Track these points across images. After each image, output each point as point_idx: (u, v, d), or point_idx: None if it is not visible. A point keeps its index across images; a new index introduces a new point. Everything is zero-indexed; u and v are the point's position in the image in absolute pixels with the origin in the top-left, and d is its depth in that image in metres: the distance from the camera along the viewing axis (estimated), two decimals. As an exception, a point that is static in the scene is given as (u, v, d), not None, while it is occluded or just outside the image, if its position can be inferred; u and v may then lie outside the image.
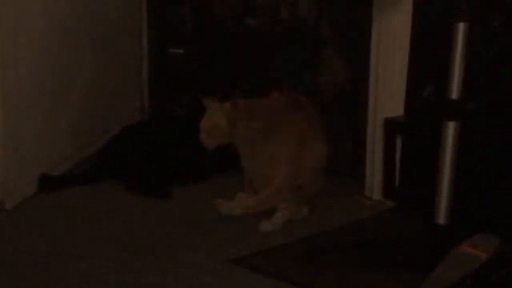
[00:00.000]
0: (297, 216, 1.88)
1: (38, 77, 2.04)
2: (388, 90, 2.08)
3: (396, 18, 2.06)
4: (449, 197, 1.83)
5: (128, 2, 2.54)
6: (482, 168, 1.95)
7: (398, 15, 2.06)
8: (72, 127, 2.24)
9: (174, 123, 2.41)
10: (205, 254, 1.79)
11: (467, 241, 1.73)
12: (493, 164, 1.93)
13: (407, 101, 2.08)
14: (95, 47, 2.32)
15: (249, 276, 1.67)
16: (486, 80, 1.92)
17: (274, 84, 2.32)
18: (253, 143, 1.87)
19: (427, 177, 1.91)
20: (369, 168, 2.16)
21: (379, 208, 2.11)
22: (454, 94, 1.74)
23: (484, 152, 1.94)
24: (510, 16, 1.86)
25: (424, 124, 1.99)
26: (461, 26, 1.72)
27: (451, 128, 1.73)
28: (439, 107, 1.82)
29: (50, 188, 2.05)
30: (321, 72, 2.35)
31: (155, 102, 2.67)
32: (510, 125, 1.94)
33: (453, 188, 1.85)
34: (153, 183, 2.13)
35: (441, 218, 1.85)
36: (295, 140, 1.85)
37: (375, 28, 2.07)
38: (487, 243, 1.75)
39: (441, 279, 1.67)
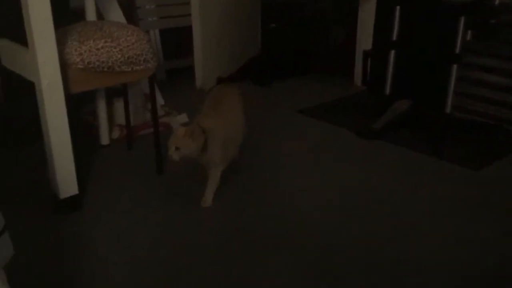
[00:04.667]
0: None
1: (220, 23, 3.50)
2: (365, 34, 3.53)
3: None
4: (392, 79, 3.10)
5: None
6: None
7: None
8: (232, 53, 3.74)
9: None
10: (283, 108, 3.32)
11: (397, 102, 3.04)
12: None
13: (373, 41, 3.43)
14: (240, 21, 3.73)
15: (307, 119, 3.13)
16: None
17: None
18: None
19: (382, 74, 3.09)
20: (356, 71, 3.69)
21: (360, 89, 3.65)
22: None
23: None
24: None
25: (379, 53, 3.21)
26: None
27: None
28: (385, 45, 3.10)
29: (223, 81, 3.60)
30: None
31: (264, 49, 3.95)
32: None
33: (392, 76, 3.08)
34: (262, 77, 3.74)
35: (387, 90, 3.10)
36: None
37: None
38: (406, 103, 3.04)
39: (385, 118, 2.93)
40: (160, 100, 3.19)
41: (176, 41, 3.89)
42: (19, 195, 2.32)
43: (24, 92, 2.28)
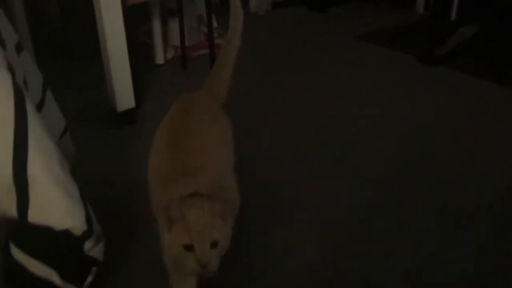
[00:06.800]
0: None
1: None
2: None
3: None
4: (458, 3, 2.94)
5: None
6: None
7: None
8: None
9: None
10: (340, 34, 3.23)
11: (463, 27, 2.92)
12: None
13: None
14: None
15: (364, 45, 3.07)
16: None
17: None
18: None
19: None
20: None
21: (423, 16, 3.58)
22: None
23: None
24: None
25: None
26: None
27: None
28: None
29: (278, 6, 3.62)
30: None
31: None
32: None
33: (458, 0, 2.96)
34: (318, 2, 3.66)
35: (453, 15, 3.04)
36: None
37: None
38: (473, 28, 2.94)
39: (450, 43, 2.84)
40: (213, 23, 3.12)
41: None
42: (78, 109, 2.34)
43: (79, 9, 2.30)
